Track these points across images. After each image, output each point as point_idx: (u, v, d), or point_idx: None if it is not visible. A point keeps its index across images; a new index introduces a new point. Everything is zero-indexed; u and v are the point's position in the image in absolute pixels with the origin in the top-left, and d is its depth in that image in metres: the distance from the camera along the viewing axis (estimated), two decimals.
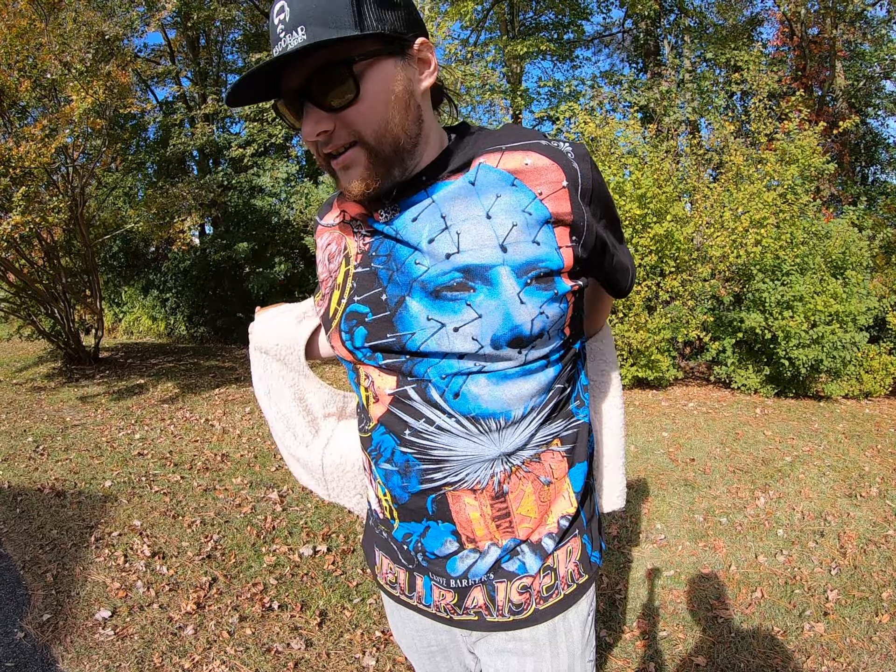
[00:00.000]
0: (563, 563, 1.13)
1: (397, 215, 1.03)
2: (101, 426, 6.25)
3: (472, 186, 1.00)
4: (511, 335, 0.98)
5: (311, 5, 0.88)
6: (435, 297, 0.99)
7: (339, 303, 1.10)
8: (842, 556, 3.67)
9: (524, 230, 0.98)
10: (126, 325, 16.02)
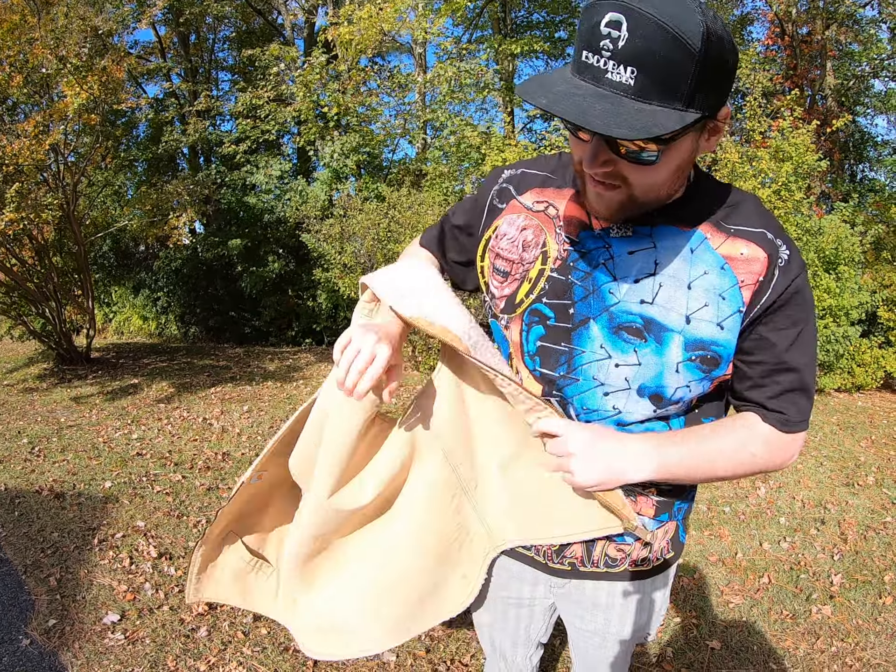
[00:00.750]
0: (659, 539, 1.28)
1: (619, 240, 1.10)
2: (96, 426, 6.16)
3: (691, 254, 1.07)
4: (654, 391, 1.10)
5: (651, 52, 0.83)
6: (614, 332, 1.10)
7: (527, 295, 1.18)
8: (843, 542, 3.82)
9: (713, 311, 1.05)
10: (116, 326, 15.88)
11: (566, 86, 0.88)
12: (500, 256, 1.23)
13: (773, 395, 1.10)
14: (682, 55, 0.84)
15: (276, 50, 10.90)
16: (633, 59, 0.83)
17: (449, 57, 12.24)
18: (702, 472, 1.11)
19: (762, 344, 1.07)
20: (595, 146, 0.93)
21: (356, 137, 10.54)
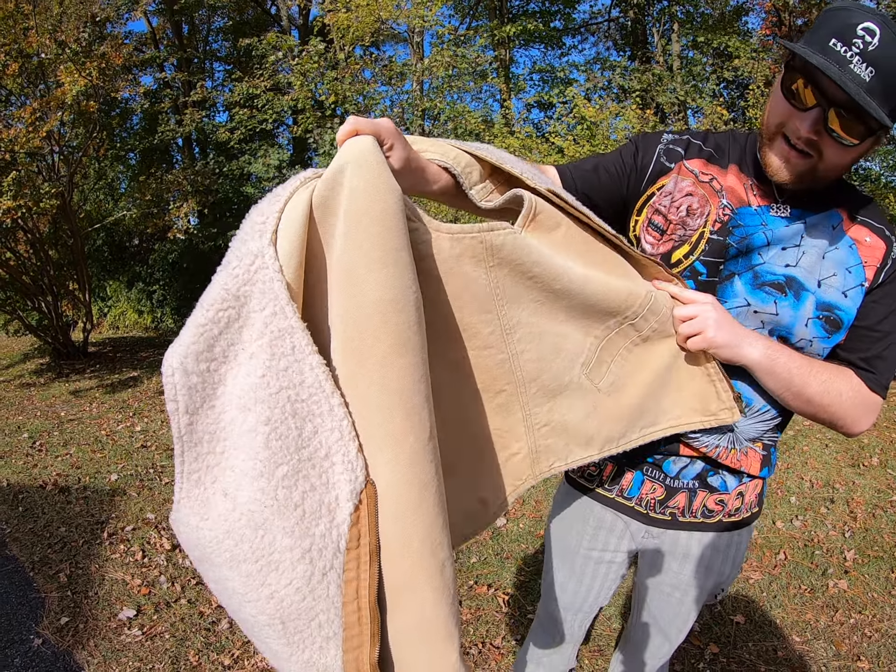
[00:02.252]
0: (749, 493, 1.45)
1: (775, 217, 1.29)
2: (98, 420, 6.07)
3: (831, 231, 1.28)
4: (783, 334, 1.30)
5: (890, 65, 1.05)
6: (757, 287, 1.29)
7: (686, 256, 1.32)
8: (853, 520, 3.93)
9: (840, 280, 1.27)
10: (111, 320, 15.74)
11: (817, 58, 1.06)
12: (660, 213, 1.34)
13: (864, 357, 1.28)
14: None
15: (273, 38, 10.78)
16: (875, 63, 1.04)
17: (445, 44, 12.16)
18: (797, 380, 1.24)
19: (865, 312, 1.27)
20: (816, 115, 1.11)
21: None
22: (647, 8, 16.54)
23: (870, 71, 1.04)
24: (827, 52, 1.06)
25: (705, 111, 9.49)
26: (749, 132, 1.39)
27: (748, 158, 1.33)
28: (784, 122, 1.16)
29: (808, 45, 1.09)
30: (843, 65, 1.05)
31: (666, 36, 16.94)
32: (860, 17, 1.05)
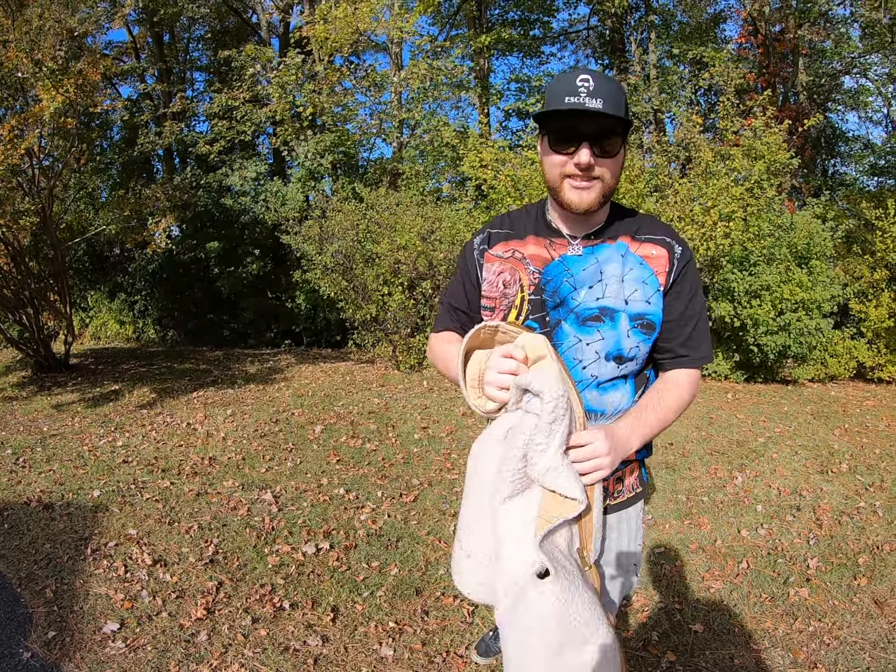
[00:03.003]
0: (627, 476, 1.75)
1: (573, 260, 1.61)
2: (80, 435, 6.14)
3: (622, 258, 1.60)
4: (616, 354, 1.59)
5: (609, 90, 1.42)
6: (581, 324, 1.59)
7: (516, 318, 1.63)
8: (818, 528, 3.93)
9: (641, 293, 1.58)
10: (93, 331, 15.72)
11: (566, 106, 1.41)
12: (486, 297, 1.69)
13: (681, 342, 1.62)
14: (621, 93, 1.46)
15: (251, 50, 10.85)
16: (600, 94, 1.40)
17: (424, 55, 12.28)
18: (661, 423, 1.57)
19: (668, 309, 1.60)
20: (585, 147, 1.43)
21: (331, 137, 10.53)
22: (624, 17, 16.69)
23: (599, 101, 1.39)
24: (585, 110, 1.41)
25: (680, 119, 9.60)
26: (539, 201, 1.76)
27: (541, 223, 1.67)
28: (562, 169, 1.50)
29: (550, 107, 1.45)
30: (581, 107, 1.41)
31: (643, 45, 17.13)
32: (574, 74, 1.43)
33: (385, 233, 8.17)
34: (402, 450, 5.45)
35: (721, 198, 7.29)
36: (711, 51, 15.17)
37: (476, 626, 2.93)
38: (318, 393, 7.62)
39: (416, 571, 3.39)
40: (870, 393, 7.69)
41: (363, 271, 8.37)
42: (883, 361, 8.20)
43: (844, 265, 8.68)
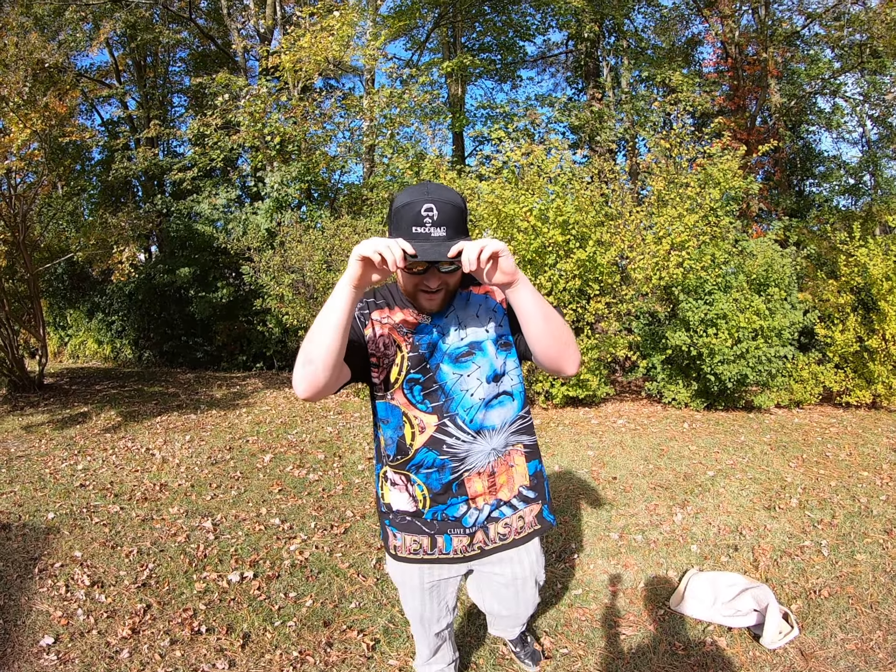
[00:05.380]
0: (527, 515, 2.15)
1: (440, 320, 1.95)
2: (44, 457, 6.42)
3: (468, 301, 1.99)
4: (493, 374, 1.98)
5: (450, 216, 1.70)
6: (455, 362, 1.95)
7: (399, 374, 1.95)
8: (754, 570, 3.75)
9: (494, 320, 1.99)
10: (72, 349, 15.94)
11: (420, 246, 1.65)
12: (373, 355, 1.96)
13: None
14: (462, 214, 1.75)
15: (222, 78, 11.10)
16: (444, 222, 1.69)
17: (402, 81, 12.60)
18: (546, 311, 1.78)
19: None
20: (431, 274, 1.81)
21: (298, 166, 10.79)
22: (597, 42, 17.01)
23: (443, 229, 1.68)
24: (414, 236, 1.67)
25: (648, 144, 9.72)
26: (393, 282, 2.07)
27: (403, 298, 1.98)
28: (416, 284, 1.86)
29: (399, 232, 1.71)
30: (428, 238, 1.68)
31: (615, 70, 17.46)
32: (419, 204, 1.68)
33: (345, 262, 8.35)
34: (343, 480, 5.57)
35: (674, 226, 7.21)
36: (679, 75, 15.42)
37: (374, 661, 3.05)
38: (276, 420, 7.84)
39: (329, 603, 3.53)
40: (835, 419, 7.49)
41: (324, 300, 8.49)
42: (851, 386, 8.04)
43: (813, 288, 8.61)
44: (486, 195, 7.33)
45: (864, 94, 17.87)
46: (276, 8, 15.00)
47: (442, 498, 2.04)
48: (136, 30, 14.38)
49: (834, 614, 3.27)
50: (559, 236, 7.07)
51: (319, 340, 1.67)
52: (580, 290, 7.45)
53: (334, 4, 12.12)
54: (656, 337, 8.00)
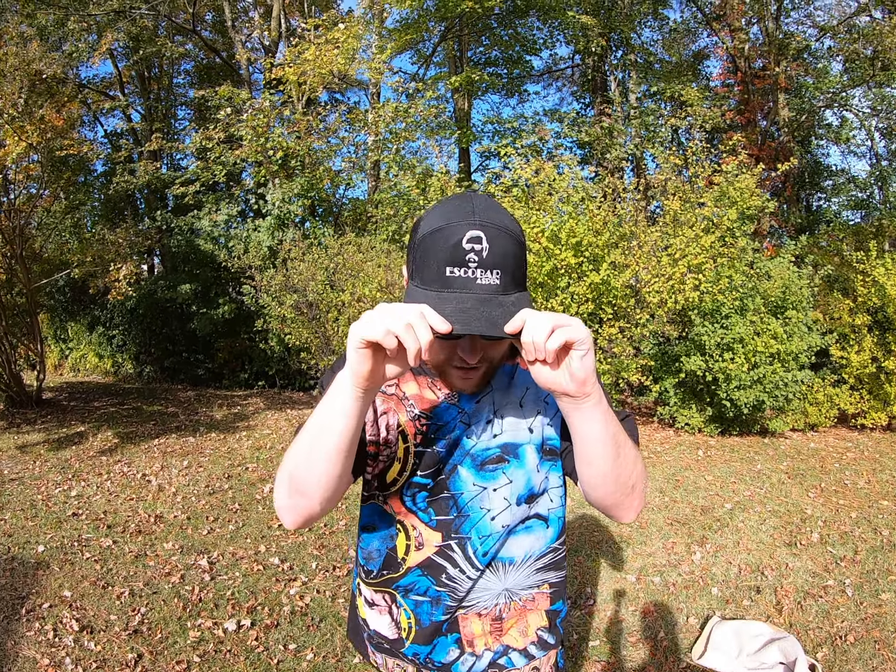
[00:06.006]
0: (544, 665, 1.49)
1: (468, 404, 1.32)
2: (38, 481, 6.23)
3: (512, 380, 1.34)
4: (528, 493, 1.36)
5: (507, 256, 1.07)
6: (479, 469, 1.33)
7: (400, 474, 1.34)
8: (777, 614, 3.59)
9: (543, 414, 1.34)
10: (72, 362, 15.79)
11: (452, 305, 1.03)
12: (370, 442, 1.33)
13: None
14: (521, 252, 1.11)
15: (225, 91, 10.97)
16: (498, 264, 1.05)
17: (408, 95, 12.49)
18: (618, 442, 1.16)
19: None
20: (471, 343, 1.15)
21: (301, 182, 10.64)
22: (605, 56, 16.94)
23: (496, 273, 1.05)
24: (449, 284, 1.05)
25: (659, 160, 9.60)
26: None
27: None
28: (448, 355, 1.19)
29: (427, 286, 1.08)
30: (469, 287, 1.04)
31: (623, 84, 17.38)
32: (461, 229, 1.05)
33: (349, 280, 8.22)
34: (345, 514, 5.38)
35: (690, 248, 6.98)
36: (689, 88, 15.33)
37: None
38: (277, 445, 7.64)
39: (331, 657, 3.34)
40: (851, 443, 7.45)
41: (326, 321, 8.38)
42: (866, 408, 8.01)
43: (824, 307, 8.50)
44: None
45: (872, 107, 17.81)
46: (282, 20, 14.94)
47: (427, 638, 1.43)
48: (139, 41, 14.30)
49: (860, 661, 3.15)
50: (572, 258, 6.87)
51: (313, 468, 1.15)
52: (592, 314, 7.24)
53: (340, 17, 12.03)
54: (668, 359, 7.83)
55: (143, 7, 13.12)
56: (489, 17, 15.84)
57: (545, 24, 16.36)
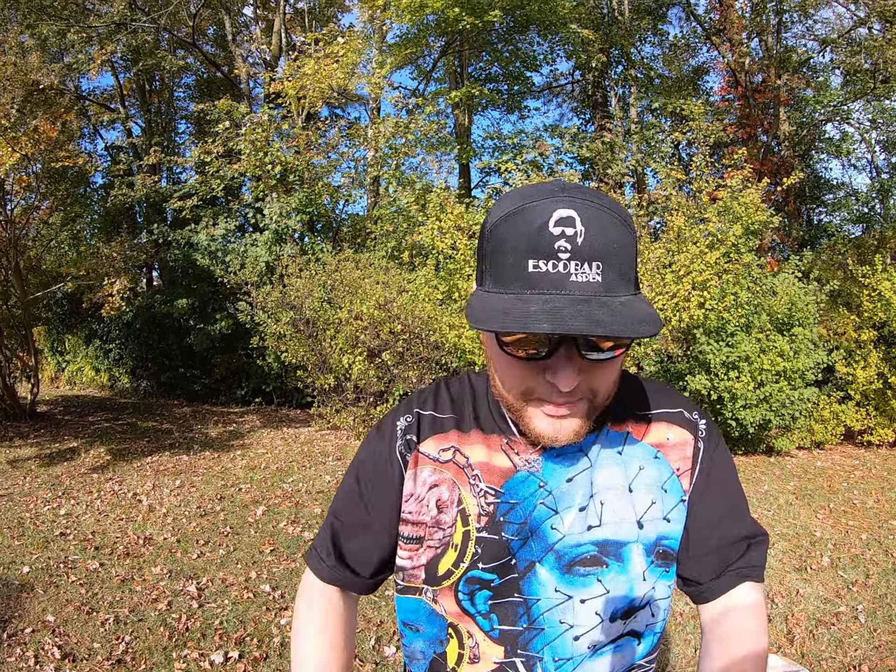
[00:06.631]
0: None
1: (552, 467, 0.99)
2: (27, 497, 6.13)
3: (620, 456, 1.00)
4: (627, 606, 0.98)
5: (610, 243, 0.78)
6: (566, 571, 0.97)
7: (455, 565, 1.00)
8: (789, 644, 3.44)
9: (660, 507, 0.99)
10: (69, 375, 15.73)
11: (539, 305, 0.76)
12: (408, 522, 1.04)
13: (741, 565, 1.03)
14: (630, 240, 0.81)
15: (224, 105, 10.94)
16: (598, 254, 0.77)
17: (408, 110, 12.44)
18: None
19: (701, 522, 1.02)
20: (564, 353, 0.83)
21: (299, 196, 10.58)
22: (605, 72, 16.95)
23: (596, 266, 0.77)
24: (534, 283, 0.78)
25: (660, 175, 9.53)
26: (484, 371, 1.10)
27: (492, 410, 1.04)
28: (530, 385, 0.88)
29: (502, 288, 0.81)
30: (562, 286, 0.77)
31: (624, 100, 17.39)
32: (545, 208, 0.78)
33: (347, 297, 8.11)
34: None
35: (694, 265, 6.82)
36: (690, 103, 15.32)
37: None
38: (271, 466, 7.50)
39: None
40: (858, 460, 7.41)
41: (324, 338, 8.27)
42: (872, 424, 7.98)
43: (828, 322, 8.47)
44: None
45: (872, 119, 17.82)
46: (282, 36, 14.94)
47: None
48: (139, 53, 14.29)
49: None
50: None
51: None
52: None
53: (339, 31, 12.03)
54: (671, 377, 7.73)
55: (144, 20, 13.10)
56: (489, 32, 15.84)
57: (545, 39, 16.35)
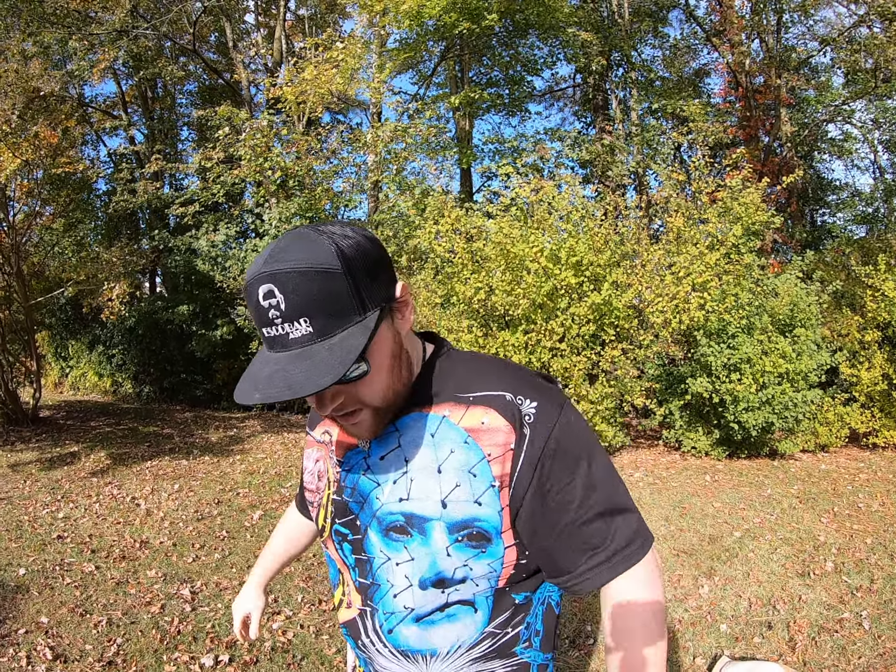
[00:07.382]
0: None
1: (371, 449, 1.14)
2: (26, 501, 6.15)
3: (432, 438, 1.08)
4: (435, 579, 1.08)
5: (310, 297, 0.92)
6: (385, 534, 1.11)
7: (325, 520, 1.22)
8: (790, 651, 3.40)
9: (467, 490, 1.05)
10: (73, 381, 15.78)
11: (269, 367, 0.95)
12: (307, 489, 1.30)
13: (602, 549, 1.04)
14: (331, 281, 0.93)
15: (224, 111, 10.97)
16: (301, 311, 0.92)
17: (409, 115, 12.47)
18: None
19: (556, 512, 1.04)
20: (314, 400, 1.01)
21: (300, 201, 10.59)
22: (605, 75, 16.96)
23: (304, 321, 0.93)
24: (274, 345, 0.97)
25: (661, 176, 9.53)
26: None
27: None
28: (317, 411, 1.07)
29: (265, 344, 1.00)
30: (287, 343, 0.95)
31: (625, 102, 17.39)
32: (253, 289, 0.95)
33: None
34: None
35: (694, 266, 6.84)
36: (690, 104, 15.31)
37: None
38: (270, 470, 7.50)
39: None
40: (863, 463, 7.31)
41: None
42: (877, 426, 7.87)
43: (831, 323, 8.42)
44: (493, 234, 7.03)
45: (874, 119, 17.79)
46: (283, 42, 15.00)
47: None
48: (141, 61, 14.36)
49: None
50: (572, 278, 6.74)
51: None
52: (594, 335, 7.08)
53: (339, 36, 12.06)
54: (673, 380, 7.71)
55: (145, 27, 13.17)
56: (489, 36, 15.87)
57: (545, 42, 16.38)
